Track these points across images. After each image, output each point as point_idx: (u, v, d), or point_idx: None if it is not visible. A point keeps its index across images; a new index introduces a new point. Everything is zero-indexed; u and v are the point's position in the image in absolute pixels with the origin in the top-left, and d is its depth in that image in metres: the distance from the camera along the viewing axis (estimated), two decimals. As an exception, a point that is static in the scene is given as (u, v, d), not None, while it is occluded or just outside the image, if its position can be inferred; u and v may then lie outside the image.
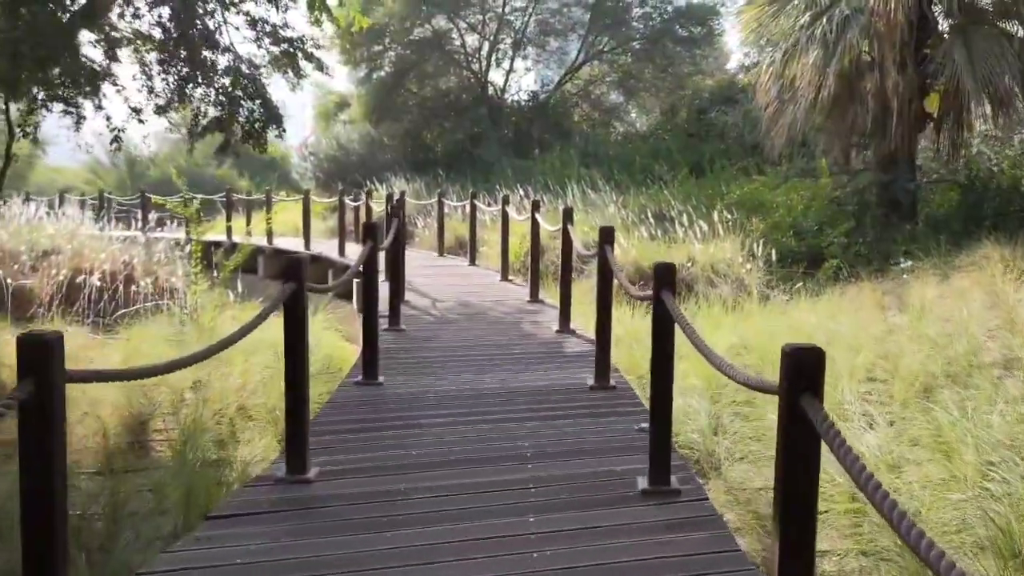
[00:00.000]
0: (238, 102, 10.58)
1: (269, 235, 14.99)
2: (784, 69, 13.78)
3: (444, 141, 24.54)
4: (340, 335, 12.21)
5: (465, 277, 11.31)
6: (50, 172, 40.18)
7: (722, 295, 10.37)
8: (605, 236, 5.79)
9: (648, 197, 14.87)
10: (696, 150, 20.77)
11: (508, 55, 25.95)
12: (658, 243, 11.70)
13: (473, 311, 8.68)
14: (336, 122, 26.51)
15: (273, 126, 11.18)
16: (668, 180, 17.30)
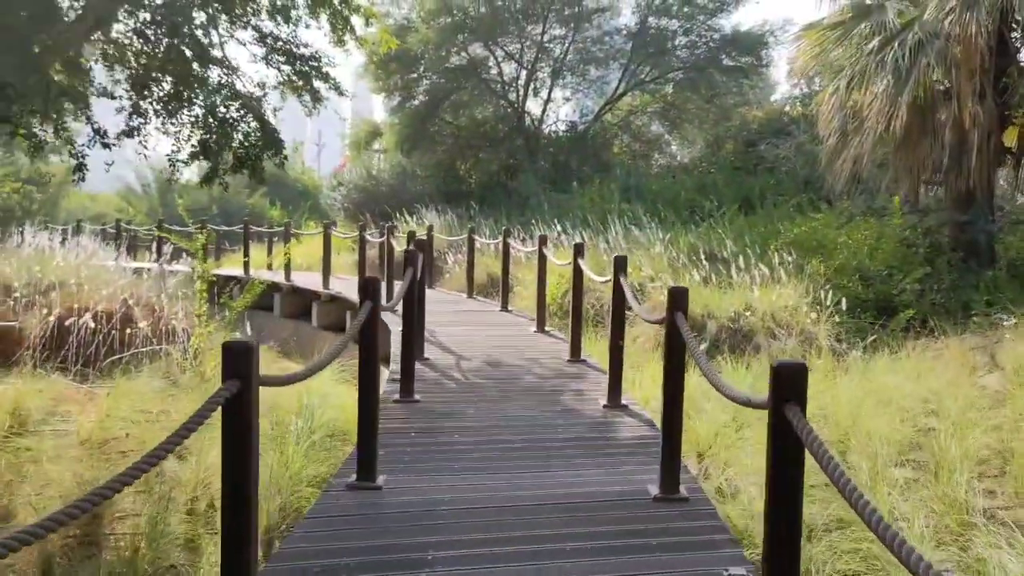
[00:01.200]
0: (229, 124, 9.53)
1: (287, 271, 14.04)
2: (848, 98, 12.65)
3: (478, 172, 23.61)
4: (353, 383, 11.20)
5: (496, 326, 10.20)
6: (84, 199, 39.95)
7: (786, 349, 9.17)
8: (675, 301, 4.43)
9: (697, 235, 13.71)
10: (744, 184, 19.60)
11: (546, 84, 25.05)
12: (711, 287, 10.53)
13: (503, 373, 7.43)
14: (368, 152, 25.73)
15: (270, 152, 10.08)
16: (716, 216, 16.13)
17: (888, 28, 12.16)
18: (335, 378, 8.43)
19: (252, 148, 9.80)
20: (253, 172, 10.04)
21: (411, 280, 6.80)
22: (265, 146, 9.76)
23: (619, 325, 6.19)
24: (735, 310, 9.88)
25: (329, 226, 13.08)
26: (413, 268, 6.98)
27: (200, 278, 9.49)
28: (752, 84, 24.02)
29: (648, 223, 14.46)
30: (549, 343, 8.94)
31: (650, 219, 15.89)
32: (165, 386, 8.02)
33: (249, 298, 9.68)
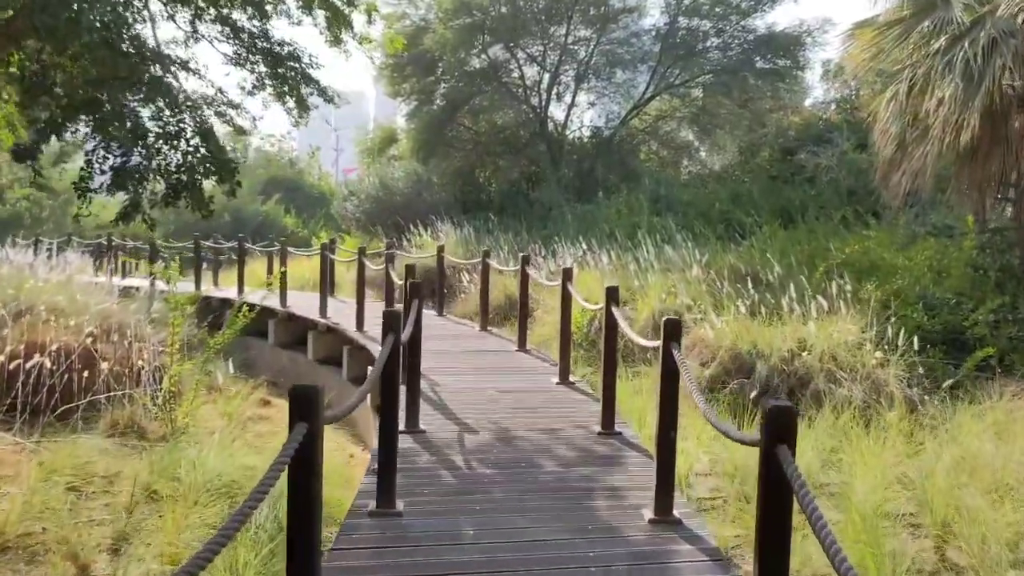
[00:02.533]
0: (166, 140, 8.16)
1: (283, 295, 12.86)
2: (909, 104, 11.32)
3: (498, 181, 22.39)
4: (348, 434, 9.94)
5: (511, 373, 8.78)
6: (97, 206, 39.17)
7: (850, 397, 7.86)
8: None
9: (737, 254, 12.40)
10: (782, 195, 18.26)
11: (570, 88, 23.79)
12: (759, 320, 9.23)
13: (517, 457, 5.75)
14: (383, 159, 24.59)
15: (216, 178, 8.56)
16: (755, 232, 14.81)
17: (955, 25, 10.82)
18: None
19: (192, 172, 8.31)
20: (195, 203, 8.61)
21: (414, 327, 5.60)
22: (211, 169, 8.31)
23: (669, 413, 4.53)
24: (788, 348, 8.59)
25: (326, 247, 11.89)
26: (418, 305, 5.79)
27: (175, 310, 8.32)
28: (788, 87, 22.63)
29: (683, 240, 13.15)
30: (575, 403, 7.45)
31: (683, 234, 14.61)
32: (116, 446, 6.85)
33: (230, 334, 8.51)
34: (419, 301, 5.96)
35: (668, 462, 4.34)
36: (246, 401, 9.85)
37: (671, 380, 4.45)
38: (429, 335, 10.42)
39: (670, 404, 4.44)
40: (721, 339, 8.77)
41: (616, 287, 5.97)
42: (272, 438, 7.90)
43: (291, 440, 2.57)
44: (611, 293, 5.81)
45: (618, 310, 5.73)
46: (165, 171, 8.37)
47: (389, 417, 4.24)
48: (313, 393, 2.69)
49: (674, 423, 4.44)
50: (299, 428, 2.62)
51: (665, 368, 4.46)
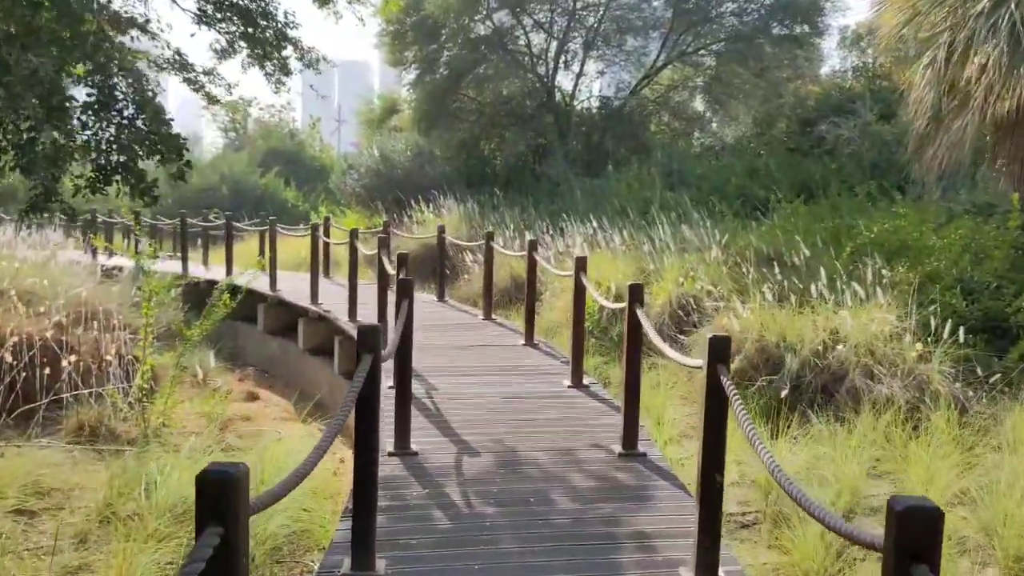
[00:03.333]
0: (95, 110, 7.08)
1: (272, 278, 12.10)
2: (947, 71, 10.48)
3: (504, 154, 21.52)
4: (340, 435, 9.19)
5: (518, 373, 7.81)
6: (94, 177, 38.41)
7: (892, 395, 7.12)
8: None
9: (759, 233, 11.61)
10: (801, 169, 17.39)
11: (578, 56, 22.84)
12: (787, 307, 8.46)
13: (524, 486, 4.79)
14: (384, 131, 23.72)
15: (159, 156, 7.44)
16: (774, 208, 13.99)
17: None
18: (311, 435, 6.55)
19: (125, 151, 7.29)
20: (135, 189, 7.58)
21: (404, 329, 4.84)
22: (152, 147, 7.26)
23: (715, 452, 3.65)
24: (820, 339, 7.83)
25: (317, 227, 11.13)
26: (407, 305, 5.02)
27: (147, 299, 7.59)
28: (807, 55, 21.67)
29: (701, 219, 12.36)
30: (590, 413, 6.50)
31: (699, 211, 13.80)
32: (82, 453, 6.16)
33: (208, 325, 7.79)
34: (409, 303, 5.19)
35: (712, 511, 3.54)
36: (231, 395, 9.17)
37: (718, 411, 3.64)
38: (427, 325, 9.64)
39: (716, 442, 3.63)
40: (747, 329, 8.02)
41: (640, 285, 5.18)
42: (255, 440, 7.20)
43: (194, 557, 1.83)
44: (635, 292, 5.03)
45: (643, 312, 4.93)
46: (95, 149, 7.33)
47: (366, 452, 3.43)
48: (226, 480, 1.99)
49: (720, 464, 3.63)
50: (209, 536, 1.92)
51: (711, 396, 3.66)
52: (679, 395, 8.32)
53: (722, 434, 3.65)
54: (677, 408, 8.03)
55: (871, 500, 5.79)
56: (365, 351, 3.42)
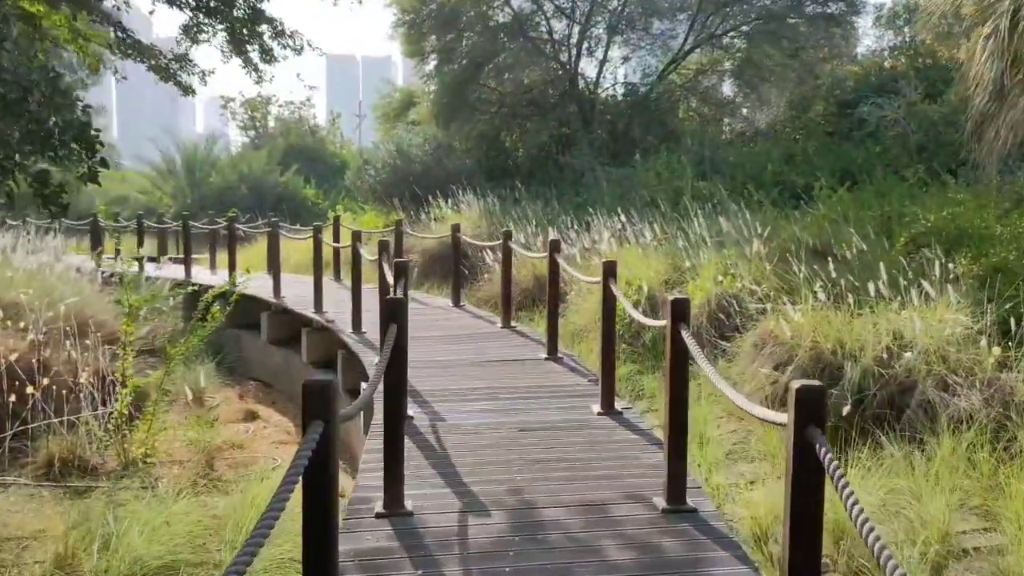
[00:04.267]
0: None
1: (276, 284, 11.32)
2: (1011, 42, 9.47)
3: (525, 145, 20.64)
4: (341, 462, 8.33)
5: (540, 397, 6.78)
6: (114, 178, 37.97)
7: (972, 410, 6.19)
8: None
9: (802, 224, 10.66)
10: (841, 153, 16.38)
11: (602, 42, 21.87)
12: (843, 308, 7.51)
13: (546, 562, 3.82)
14: (402, 124, 22.93)
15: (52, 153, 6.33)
16: (818, 196, 13.00)
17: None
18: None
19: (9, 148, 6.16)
20: (45, 195, 6.53)
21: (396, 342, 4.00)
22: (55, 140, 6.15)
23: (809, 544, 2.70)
24: (883, 345, 6.90)
25: (320, 229, 10.31)
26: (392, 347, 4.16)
27: (128, 314, 6.82)
28: (844, 34, 20.57)
29: (740, 209, 11.43)
30: (626, 448, 5.55)
31: (735, 201, 12.86)
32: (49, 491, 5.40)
33: (195, 341, 7.02)
34: (398, 330, 4.28)
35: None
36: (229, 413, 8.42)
37: (809, 487, 2.69)
38: (438, 337, 8.84)
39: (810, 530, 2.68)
40: (799, 335, 7.10)
41: (686, 300, 4.24)
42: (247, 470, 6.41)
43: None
44: (679, 309, 4.09)
45: (688, 333, 4.00)
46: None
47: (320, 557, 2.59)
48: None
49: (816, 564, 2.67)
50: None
51: (799, 469, 2.71)
52: (722, 409, 7.43)
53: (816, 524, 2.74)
54: (720, 425, 7.16)
55: (962, 539, 4.90)
56: (313, 418, 2.60)
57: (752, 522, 5.23)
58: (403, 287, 5.82)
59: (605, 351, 5.96)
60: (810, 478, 2.89)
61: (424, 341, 8.64)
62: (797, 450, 2.68)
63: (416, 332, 8.93)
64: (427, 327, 9.37)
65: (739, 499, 5.75)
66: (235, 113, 38.43)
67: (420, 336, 8.83)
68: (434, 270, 13.08)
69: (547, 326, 7.89)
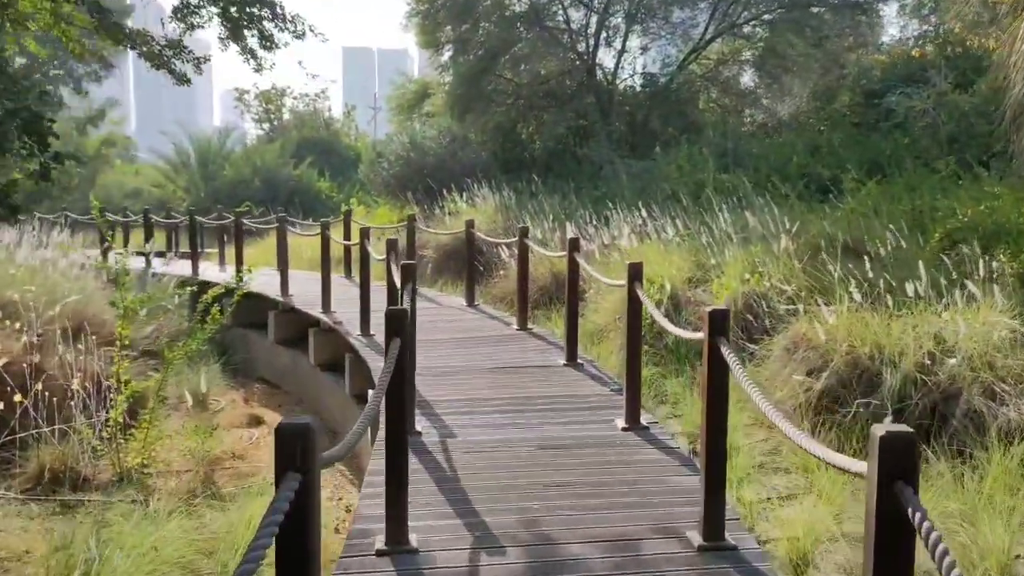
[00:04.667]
0: None
1: (283, 282, 10.96)
2: (1056, 25, 8.99)
3: (542, 137, 20.22)
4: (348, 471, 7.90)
5: (560, 409, 6.22)
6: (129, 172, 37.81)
7: (1022, 422, 5.75)
8: None
9: (832, 219, 10.20)
10: (868, 145, 15.87)
11: (620, 31, 21.40)
12: (880, 310, 7.07)
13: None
14: (417, 116, 22.56)
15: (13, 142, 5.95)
16: (848, 189, 12.53)
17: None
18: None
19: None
20: None
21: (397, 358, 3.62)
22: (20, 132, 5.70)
23: None
24: (925, 350, 6.46)
25: (327, 225, 9.94)
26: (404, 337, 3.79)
27: (123, 316, 6.48)
28: (870, 22, 20.01)
29: (767, 203, 10.98)
30: (656, 470, 4.98)
31: (760, 194, 12.41)
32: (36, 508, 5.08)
33: (194, 344, 6.67)
34: (401, 345, 3.88)
35: None
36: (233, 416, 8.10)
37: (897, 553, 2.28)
38: (449, 340, 8.45)
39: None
40: (834, 339, 6.67)
41: (726, 312, 3.76)
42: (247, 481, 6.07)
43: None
44: (718, 320, 3.63)
45: (729, 348, 3.56)
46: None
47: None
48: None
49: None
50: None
51: (883, 531, 2.26)
52: (751, 416, 7.02)
53: None
54: (750, 433, 6.75)
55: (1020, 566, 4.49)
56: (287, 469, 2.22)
57: (788, 545, 4.83)
58: (411, 291, 5.43)
59: (631, 362, 5.49)
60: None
61: (436, 345, 8.29)
62: (881, 509, 2.25)
63: (428, 335, 8.55)
64: (439, 329, 9.00)
65: (773, 517, 5.36)
66: (249, 105, 38.18)
67: (432, 339, 8.45)
68: (448, 266, 12.72)
69: (566, 330, 7.43)
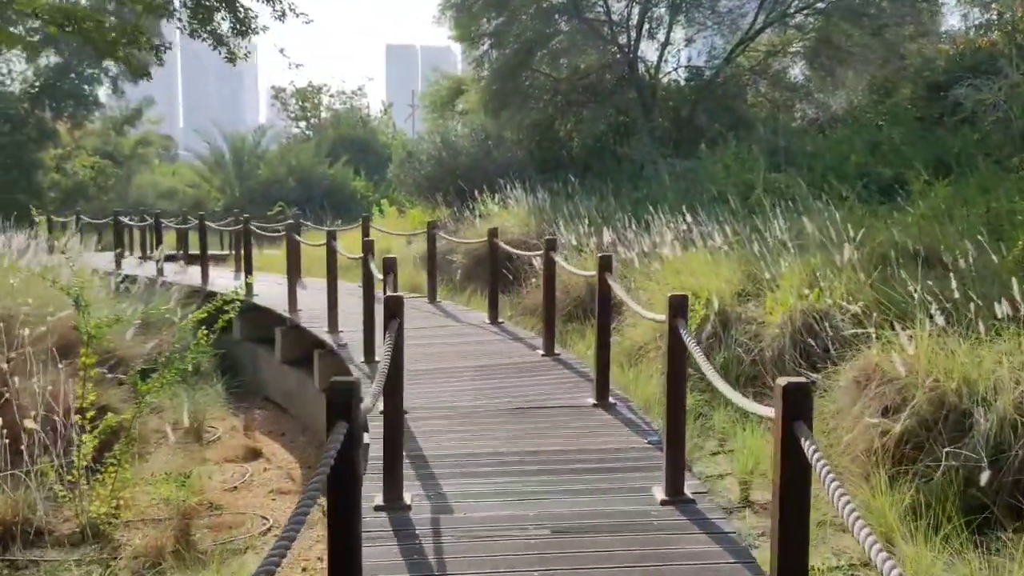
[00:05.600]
0: None
1: (291, 295, 10.14)
2: None
3: (581, 135, 19.27)
4: None
5: (584, 470, 5.12)
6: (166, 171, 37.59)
7: None
8: None
9: (902, 225, 9.13)
10: (934, 142, 14.65)
11: (664, 23, 20.35)
12: (967, 337, 6.04)
13: None
14: (448, 114, 21.74)
15: None
16: (911, 190, 11.43)
17: None
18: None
19: None
20: None
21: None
22: None
23: None
24: (1022, 384, 5.43)
25: (334, 235, 9.09)
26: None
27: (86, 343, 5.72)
28: (931, 9, 18.73)
29: (827, 205, 9.95)
30: (702, 564, 3.88)
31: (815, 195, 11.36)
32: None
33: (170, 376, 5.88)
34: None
35: None
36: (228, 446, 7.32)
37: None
38: (465, 369, 7.45)
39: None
40: (914, 370, 5.66)
41: (806, 386, 2.80)
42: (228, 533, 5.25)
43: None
44: (797, 399, 2.69)
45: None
46: None
47: None
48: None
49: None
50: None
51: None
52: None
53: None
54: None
55: None
56: None
57: None
58: (396, 330, 4.50)
59: (672, 417, 4.41)
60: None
61: (448, 376, 7.33)
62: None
63: (440, 361, 7.61)
64: (454, 354, 8.04)
65: None
66: (286, 104, 37.76)
67: (443, 367, 7.53)
68: (477, 273, 11.86)
69: (596, 363, 6.34)
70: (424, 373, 7.22)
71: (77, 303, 6.00)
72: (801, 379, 2.86)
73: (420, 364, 7.52)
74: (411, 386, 6.60)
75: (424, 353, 7.99)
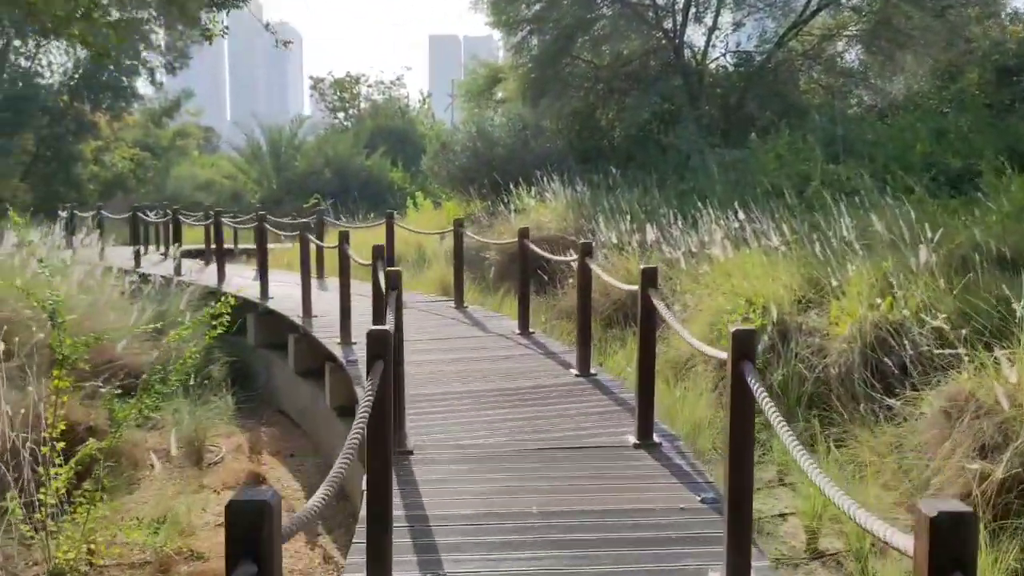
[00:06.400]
0: None
1: (305, 301, 9.39)
2: None
3: (623, 124, 18.38)
4: None
5: (625, 526, 4.13)
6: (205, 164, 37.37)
7: None
8: None
9: (984, 224, 8.16)
10: (1006, 130, 13.55)
11: (711, 6, 19.37)
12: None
13: None
14: (485, 103, 20.98)
15: None
16: (987, 183, 10.42)
17: None
18: None
19: None
20: None
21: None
22: None
23: None
24: None
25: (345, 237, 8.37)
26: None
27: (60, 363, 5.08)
28: (1000, -12, 17.51)
29: (894, 201, 9.03)
30: None
31: (879, 188, 10.42)
32: None
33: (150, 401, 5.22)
34: None
35: None
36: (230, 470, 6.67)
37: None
38: (489, 391, 6.53)
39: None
40: (1018, 403, 4.79)
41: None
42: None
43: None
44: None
45: None
46: None
47: None
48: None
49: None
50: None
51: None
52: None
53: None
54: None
55: None
56: None
57: None
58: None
59: (733, 483, 3.43)
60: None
61: (463, 404, 6.32)
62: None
63: (457, 383, 6.68)
64: (475, 374, 7.11)
65: None
66: (324, 94, 37.32)
67: (460, 392, 6.58)
68: (511, 271, 11.08)
69: (638, 392, 5.33)
70: (437, 399, 6.37)
71: (52, 319, 5.35)
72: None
73: (433, 387, 6.67)
74: (419, 417, 5.84)
75: (440, 372, 7.15)
